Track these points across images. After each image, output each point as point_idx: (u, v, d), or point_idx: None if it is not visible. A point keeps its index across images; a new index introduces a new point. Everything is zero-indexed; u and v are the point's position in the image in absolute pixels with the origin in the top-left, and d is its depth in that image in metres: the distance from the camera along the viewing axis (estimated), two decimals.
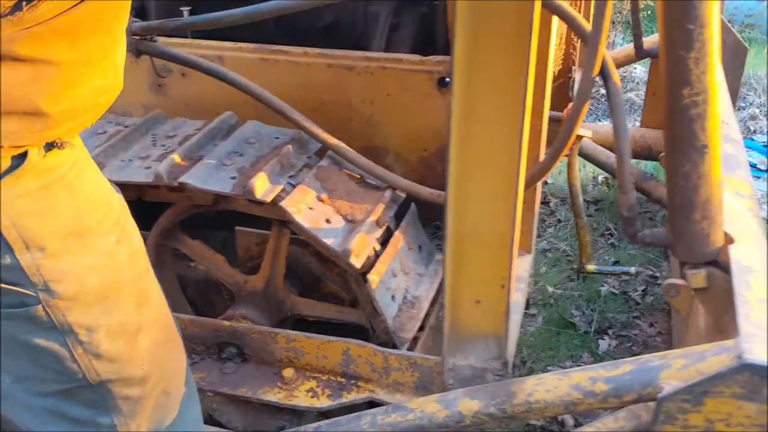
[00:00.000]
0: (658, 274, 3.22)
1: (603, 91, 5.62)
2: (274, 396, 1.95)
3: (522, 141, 1.43)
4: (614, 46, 5.81)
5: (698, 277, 1.75)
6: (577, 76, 2.98)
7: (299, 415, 2.03)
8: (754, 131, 4.89)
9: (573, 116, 1.61)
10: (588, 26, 1.57)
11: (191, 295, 2.54)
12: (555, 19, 1.86)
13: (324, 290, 2.34)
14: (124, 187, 2.03)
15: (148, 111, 2.23)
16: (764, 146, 4.66)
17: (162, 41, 2.20)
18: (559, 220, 3.72)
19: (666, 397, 1.38)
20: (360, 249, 1.81)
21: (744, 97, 5.23)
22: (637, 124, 3.83)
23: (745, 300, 1.50)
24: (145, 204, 2.12)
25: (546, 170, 1.72)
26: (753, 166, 4.41)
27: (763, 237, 1.81)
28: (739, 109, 5.12)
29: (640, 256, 3.36)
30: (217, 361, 2.05)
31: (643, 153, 3.50)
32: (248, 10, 1.69)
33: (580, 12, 2.43)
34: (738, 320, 1.45)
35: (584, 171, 4.19)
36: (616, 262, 3.30)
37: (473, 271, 1.64)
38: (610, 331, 2.88)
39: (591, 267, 2.73)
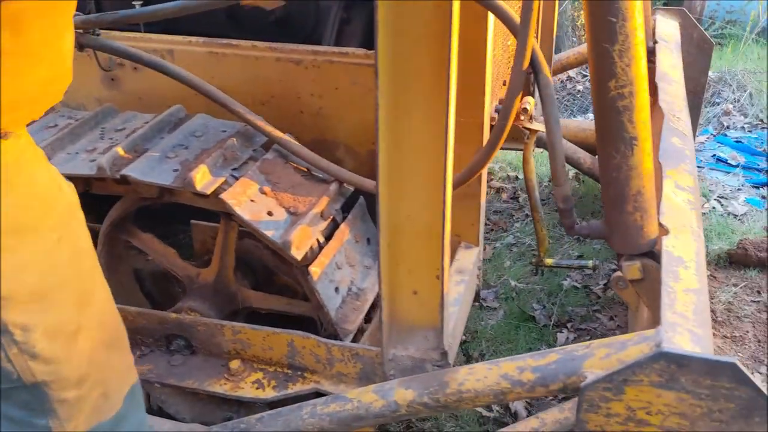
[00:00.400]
0: None
1: (579, 87, 5.64)
2: (220, 387, 1.96)
3: (448, 134, 1.45)
4: None
5: (633, 269, 1.77)
6: None
7: (247, 406, 2.04)
8: (728, 127, 4.91)
9: (505, 110, 1.62)
10: (518, 20, 1.58)
11: (149, 288, 2.55)
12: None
13: (278, 282, 2.35)
14: (69, 180, 2.06)
15: (102, 105, 2.24)
16: (736, 141, 4.68)
17: (113, 35, 2.21)
18: (527, 215, 3.73)
19: (588, 385, 1.39)
20: (301, 241, 1.83)
21: (719, 93, 5.25)
22: None
23: (670, 290, 1.52)
24: (100, 197, 2.13)
25: (482, 164, 1.73)
26: (724, 161, 4.44)
27: (700, 229, 1.83)
28: (713, 105, 5.15)
29: (605, 251, 3.38)
30: (165, 353, 2.06)
31: None
32: (183, 4, 1.70)
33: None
34: (661, 310, 1.47)
35: None
36: (580, 256, 3.32)
37: (409, 262, 1.65)
38: (569, 325, 2.90)
39: (549, 261, 2.74)
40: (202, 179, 1.81)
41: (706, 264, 3.18)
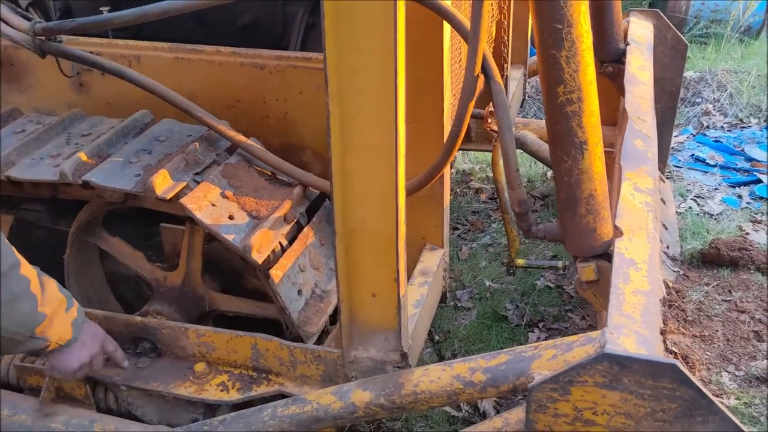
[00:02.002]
0: None
1: None
2: (184, 390, 1.97)
3: (398, 139, 1.47)
4: None
5: (588, 270, 1.80)
6: (510, 73, 3.01)
7: (213, 408, 2.05)
8: (707, 126, 4.94)
9: (459, 116, 1.64)
10: (468, 25, 1.60)
11: (123, 291, 2.56)
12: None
13: (248, 285, 2.37)
14: (35, 185, 2.07)
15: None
16: (715, 141, 4.71)
17: (81, 41, 2.22)
18: None
19: (535, 386, 1.41)
20: (262, 244, 1.85)
21: (699, 93, 5.28)
22: None
23: (619, 292, 1.54)
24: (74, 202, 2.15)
25: (439, 168, 1.75)
26: (702, 161, 4.47)
27: (656, 231, 1.85)
28: (693, 105, 5.17)
29: None
30: (132, 356, 2.07)
31: None
32: (138, 11, 1.72)
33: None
34: (609, 311, 1.49)
35: (534, 167, 4.24)
36: (554, 256, 3.34)
37: (366, 265, 1.67)
38: (540, 324, 2.93)
39: (520, 261, 2.77)
40: (163, 184, 1.82)
41: (680, 263, 3.22)
